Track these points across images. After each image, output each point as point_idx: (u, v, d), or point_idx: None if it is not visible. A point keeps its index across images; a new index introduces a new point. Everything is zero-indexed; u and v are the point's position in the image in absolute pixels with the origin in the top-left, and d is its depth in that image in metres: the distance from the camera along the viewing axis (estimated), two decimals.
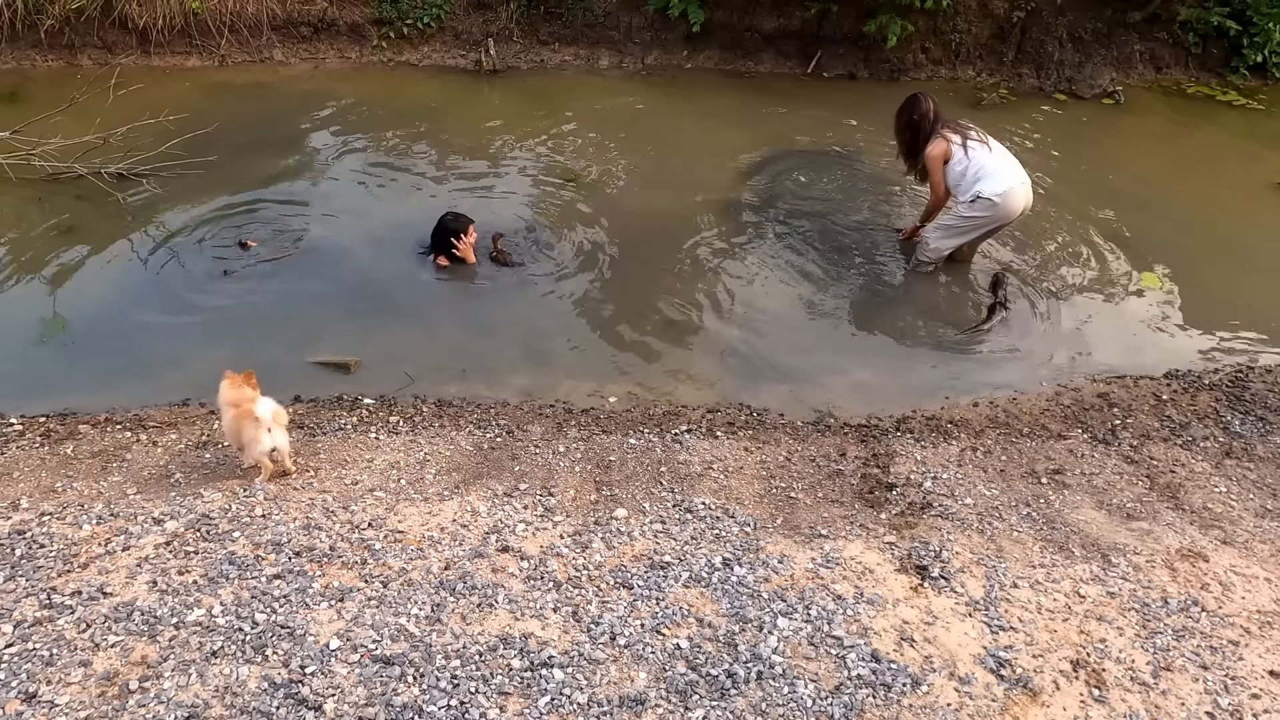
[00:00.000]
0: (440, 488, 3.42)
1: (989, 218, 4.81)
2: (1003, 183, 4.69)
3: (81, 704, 2.28)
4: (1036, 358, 4.61)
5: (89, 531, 2.97)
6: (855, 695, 2.41)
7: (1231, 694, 2.47)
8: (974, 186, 4.73)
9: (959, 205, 4.85)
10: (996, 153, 4.80)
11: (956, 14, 7.57)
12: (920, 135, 4.89)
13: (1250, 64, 7.58)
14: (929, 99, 4.93)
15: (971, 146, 4.76)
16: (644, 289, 5.01)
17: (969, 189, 4.76)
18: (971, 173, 4.74)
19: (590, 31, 7.80)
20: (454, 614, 2.65)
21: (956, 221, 4.89)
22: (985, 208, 4.74)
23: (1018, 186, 4.72)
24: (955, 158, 4.78)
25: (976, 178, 4.72)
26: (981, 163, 4.74)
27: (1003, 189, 4.68)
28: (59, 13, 7.05)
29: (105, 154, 5.78)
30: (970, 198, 4.75)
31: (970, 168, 4.74)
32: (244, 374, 3.39)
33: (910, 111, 4.93)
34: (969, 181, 4.75)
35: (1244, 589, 2.92)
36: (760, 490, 3.53)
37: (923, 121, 4.87)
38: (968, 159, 4.74)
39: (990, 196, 4.69)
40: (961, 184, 4.80)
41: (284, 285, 4.92)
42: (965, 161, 4.75)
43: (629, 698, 2.37)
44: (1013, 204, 4.73)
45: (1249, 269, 5.32)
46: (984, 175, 4.71)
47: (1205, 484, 3.65)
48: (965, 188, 4.78)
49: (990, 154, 4.77)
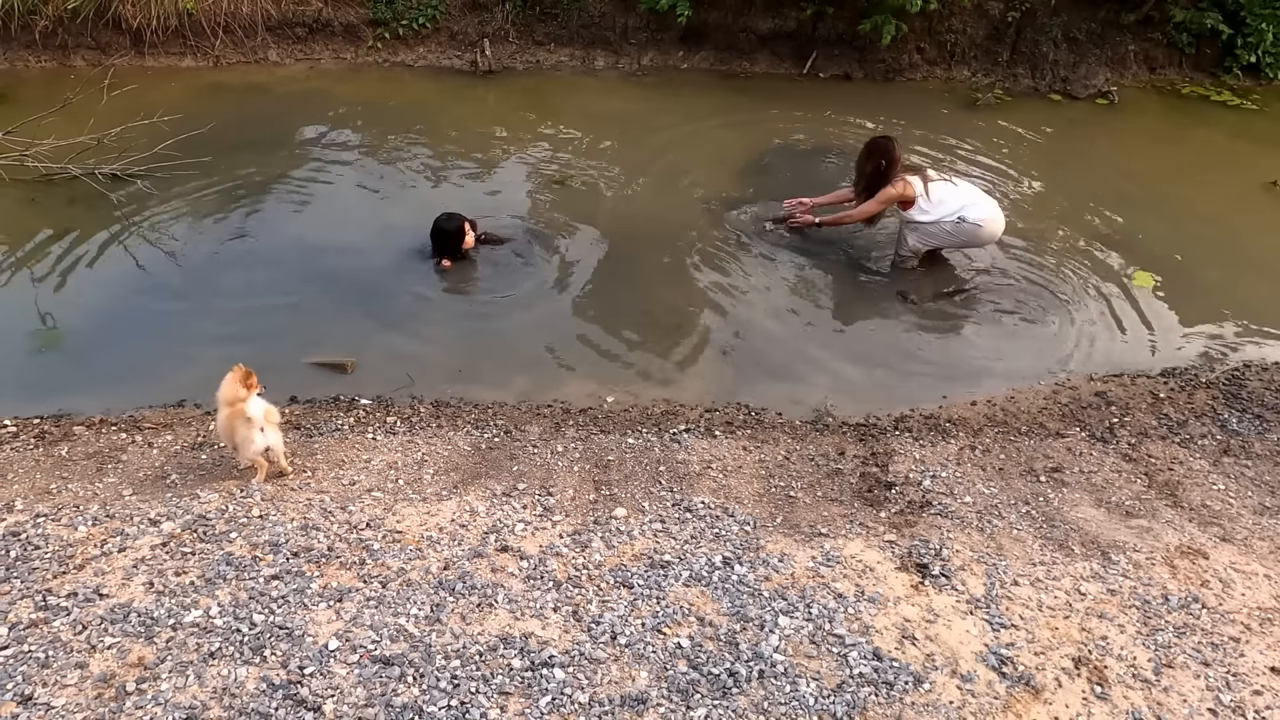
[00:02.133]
0: (438, 488, 3.40)
1: (967, 239, 5.03)
2: (985, 211, 4.94)
3: (78, 706, 2.26)
4: (1034, 356, 4.61)
5: (84, 533, 2.95)
6: (858, 693, 2.40)
7: (1233, 690, 2.47)
8: (957, 210, 4.90)
9: (944, 221, 4.93)
10: (962, 186, 5.04)
11: (951, 15, 7.59)
12: (885, 182, 4.96)
13: (1244, 64, 7.61)
14: (896, 145, 5.01)
15: (934, 186, 4.93)
16: (640, 289, 5.01)
17: (951, 211, 4.89)
18: (952, 204, 4.89)
19: (585, 32, 7.80)
20: (453, 614, 2.63)
21: (937, 232, 4.99)
22: (968, 231, 4.96)
23: (997, 217, 4.97)
24: (919, 200, 4.91)
25: (960, 204, 4.90)
26: (950, 197, 4.92)
27: (985, 216, 4.93)
28: (52, 13, 7.02)
29: (99, 155, 5.75)
30: (955, 218, 4.90)
31: (935, 203, 4.89)
32: (244, 371, 3.37)
33: (879, 158, 4.97)
34: (949, 207, 4.89)
35: (1244, 586, 2.92)
36: (759, 489, 3.53)
37: (890, 169, 4.95)
38: (930, 199, 4.90)
39: (976, 220, 4.92)
40: (940, 210, 4.91)
41: (280, 286, 4.89)
42: (930, 201, 4.89)
43: (630, 697, 2.36)
44: (991, 229, 5.00)
45: (1244, 268, 5.34)
46: (967, 204, 4.90)
47: (1203, 481, 3.66)
48: (947, 210, 4.90)
49: (956, 188, 4.98)
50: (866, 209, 5.07)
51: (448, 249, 5.05)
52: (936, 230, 4.98)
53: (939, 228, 4.96)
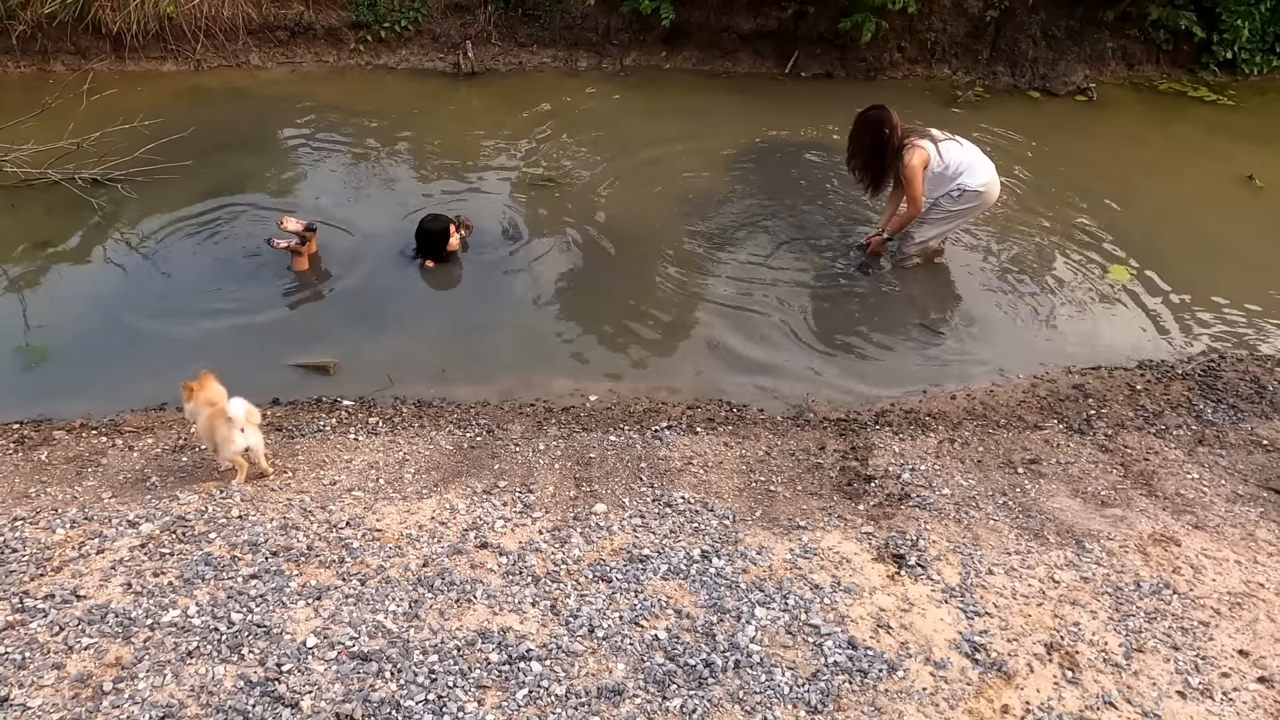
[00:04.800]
0: (419, 486, 3.41)
1: (972, 208, 4.90)
2: (984, 174, 4.78)
3: (55, 706, 2.26)
4: (1012, 350, 4.65)
5: (62, 535, 2.94)
6: (832, 681, 2.42)
7: (1202, 673, 2.51)
8: (956, 180, 4.77)
9: (942, 199, 4.86)
10: (966, 146, 4.86)
11: (931, 13, 7.64)
12: (890, 150, 4.74)
13: (1220, 60, 7.68)
14: (892, 111, 4.76)
15: (944, 146, 4.78)
16: (623, 288, 5.03)
17: (949, 184, 4.79)
18: (952, 169, 4.77)
19: (568, 33, 7.81)
20: (432, 610, 2.64)
21: (940, 215, 4.92)
22: (970, 199, 4.81)
23: (994, 177, 4.83)
24: (934, 162, 4.75)
25: (958, 172, 4.76)
26: (960, 158, 4.78)
27: (985, 179, 4.78)
28: (30, 18, 6.98)
29: (79, 159, 5.73)
30: (956, 192, 4.79)
31: (950, 165, 4.77)
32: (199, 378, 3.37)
33: (880, 127, 4.72)
34: (950, 177, 4.78)
35: (1215, 571, 2.96)
36: (740, 484, 3.55)
37: (892, 135, 4.72)
38: (944, 160, 4.76)
39: (976, 188, 4.77)
40: (942, 182, 4.82)
41: (262, 288, 4.89)
42: (943, 163, 4.76)
43: (607, 688, 2.37)
44: (992, 193, 4.85)
45: (1219, 261, 5.40)
46: (965, 169, 4.77)
47: (1178, 471, 3.70)
48: (946, 183, 4.80)
49: (962, 148, 4.83)
50: (913, 201, 4.82)
51: (432, 250, 5.06)
52: (939, 215, 4.86)
53: (940, 211, 4.84)
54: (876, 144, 4.76)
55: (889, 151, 4.77)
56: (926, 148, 4.73)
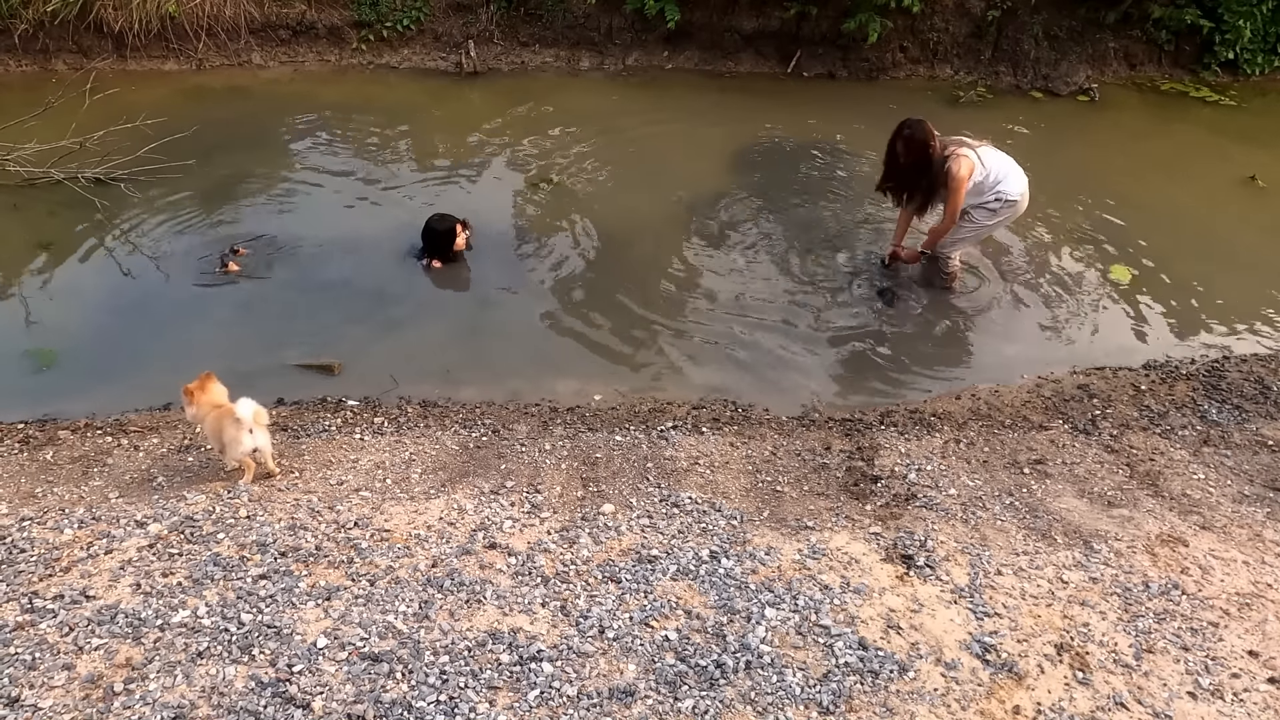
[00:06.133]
0: (426, 486, 3.41)
1: (1006, 218, 4.74)
2: (1020, 182, 4.60)
3: (65, 707, 2.25)
4: (1016, 351, 4.65)
5: (70, 535, 2.94)
6: (843, 682, 2.42)
7: (1212, 674, 2.51)
8: (995, 189, 4.57)
9: (975, 211, 4.65)
10: (1000, 153, 4.65)
11: (934, 13, 7.65)
12: (934, 163, 4.49)
13: (1222, 60, 7.70)
14: (927, 121, 4.54)
15: (983, 152, 4.56)
16: (627, 288, 5.02)
17: (988, 193, 4.59)
18: (993, 176, 4.56)
19: (570, 33, 7.81)
20: (442, 610, 2.64)
21: (976, 228, 4.73)
22: (1006, 209, 4.64)
23: (1026, 187, 4.65)
24: (977, 170, 4.52)
25: (997, 180, 4.56)
26: (997, 165, 4.58)
27: (1022, 188, 4.60)
28: (33, 17, 6.97)
29: (82, 159, 5.72)
30: (994, 202, 4.60)
31: (991, 173, 4.55)
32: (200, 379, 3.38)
33: (925, 145, 4.46)
34: (989, 185, 4.57)
35: (1223, 572, 2.96)
36: (746, 484, 3.55)
37: (936, 148, 4.47)
38: (985, 168, 4.53)
39: (1015, 197, 4.59)
40: (980, 191, 4.59)
41: (266, 288, 4.89)
42: (985, 170, 4.53)
43: (618, 689, 2.37)
44: (1025, 202, 4.69)
45: (1222, 262, 5.41)
46: (1002, 177, 4.57)
47: (1184, 471, 3.70)
48: (985, 191, 4.59)
49: (997, 154, 4.63)
50: (951, 214, 4.61)
51: (439, 250, 5.06)
52: (975, 228, 4.69)
53: (976, 224, 4.65)
54: (924, 161, 4.51)
55: (935, 166, 4.52)
56: (971, 156, 4.50)
